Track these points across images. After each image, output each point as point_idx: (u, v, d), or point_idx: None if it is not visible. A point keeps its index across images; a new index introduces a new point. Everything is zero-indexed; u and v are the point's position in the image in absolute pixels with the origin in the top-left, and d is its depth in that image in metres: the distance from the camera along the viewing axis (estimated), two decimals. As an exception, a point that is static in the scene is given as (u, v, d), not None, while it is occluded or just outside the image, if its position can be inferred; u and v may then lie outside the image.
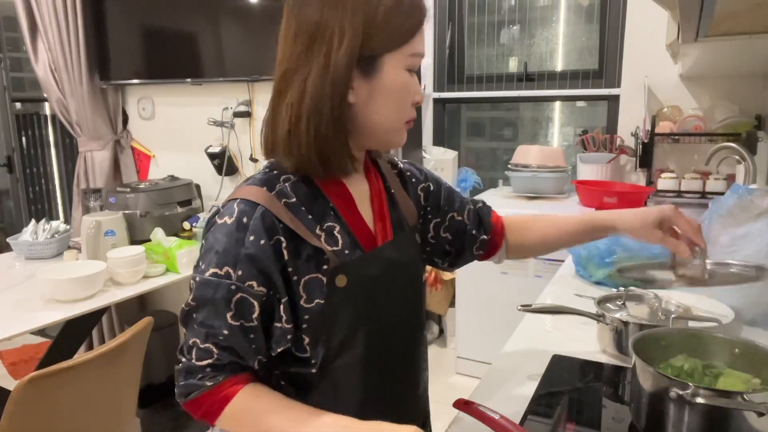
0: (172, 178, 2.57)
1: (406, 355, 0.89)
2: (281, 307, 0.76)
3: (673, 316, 1.06)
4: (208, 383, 0.73)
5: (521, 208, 2.29)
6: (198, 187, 2.64)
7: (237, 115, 2.54)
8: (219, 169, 2.62)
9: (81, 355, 1.40)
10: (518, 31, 2.90)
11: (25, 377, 1.28)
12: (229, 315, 0.73)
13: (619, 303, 1.18)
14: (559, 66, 2.83)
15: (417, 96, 0.81)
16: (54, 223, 2.37)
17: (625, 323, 1.07)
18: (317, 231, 0.78)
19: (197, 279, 0.75)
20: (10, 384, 1.73)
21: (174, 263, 2.12)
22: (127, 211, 2.29)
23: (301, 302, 0.77)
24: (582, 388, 1.03)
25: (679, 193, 2.19)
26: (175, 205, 2.42)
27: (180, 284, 2.89)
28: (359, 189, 0.85)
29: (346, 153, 0.78)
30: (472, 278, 2.51)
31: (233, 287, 0.73)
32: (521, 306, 1.15)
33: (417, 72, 0.82)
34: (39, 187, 3.72)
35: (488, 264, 1.12)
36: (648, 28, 2.34)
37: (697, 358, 0.90)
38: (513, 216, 1.07)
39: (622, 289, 1.23)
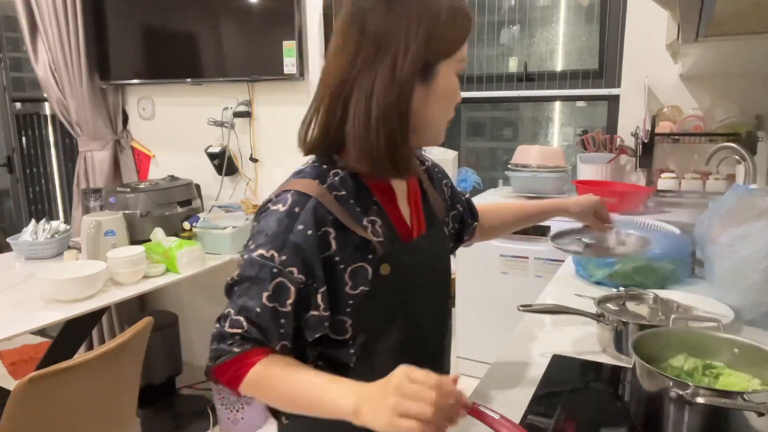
0: (172, 178, 2.57)
1: (435, 339, 0.96)
2: (318, 296, 0.81)
3: (673, 316, 1.06)
4: (236, 349, 0.78)
5: (521, 208, 2.29)
6: (198, 187, 2.63)
7: (237, 115, 2.54)
8: (219, 169, 2.62)
9: (81, 355, 1.40)
10: (518, 31, 2.90)
11: (25, 377, 1.28)
12: (265, 295, 0.78)
13: (619, 303, 1.18)
14: (559, 66, 2.83)
15: (458, 97, 0.89)
16: (54, 223, 2.37)
17: (625, 323, 1.07)
18: (364, 222, 0.84)
19: (245, 257, 0.81)
20: (10, 384, 1.73)
21: (174, 263, 2.12)
22: (127, 211, 2.29)
23: (347, 289, 0.83)
24: (582, 388, 1.03)
25: (679, 193, 2.19)
26: (175, 205, 2.42)
27: (180, 284, 2.90)
28: (399, 186, 0.93)
29: (412, 154, 0.86)
30: (472, 278, 2.51)
31: (275, 270, 0.78)
32: (521, 306, 1.16)
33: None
34: (39, 187, 3.72)
35: (488, 264, 1.17)
36: (648, 28, 2.33)
37: (697, 358, 0.90)
38: (485, 204, 1.22)
39: (622, 289, 1.23)
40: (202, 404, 2.70)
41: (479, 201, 1.20)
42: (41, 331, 3.29)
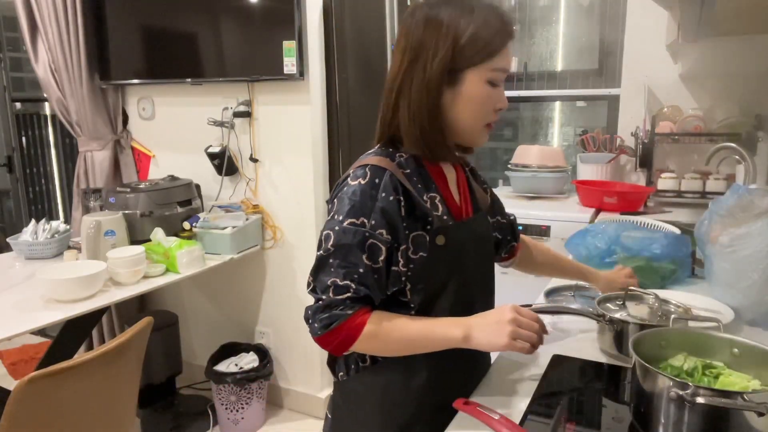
0: (172, 178, 2.57)
1: (483, 308, 1.03)
2: (399, 253, 0.94)
3: (673, 316, 1.06)
4: (349, 312, 0.90)
5: (521, 208, 2.28)
6: (198, 187, 2.64)
7: (237, 115, 2.53)
8: (219, 169, 2.62)
9: (81, 355, 1.40)
10: (518, 31, 2.90)
11: (25, 377, 1.28)
12: (364, 257, 0.91)
13: (619, 303, 1.18)
14: (559, 66, 2.83)
15: (499, 104, 0.99)
16: (54, 223, 2.37)
17: (625, 323, 1.07)
18: (425, 197, 0.98)
19: (336, 228, 0.92)
20: (10, 384, 1.73)
21: (174, 263, 2.12)
22: (127, 211, 2.29)
23: (409, 253, 0.96)
24: (582, 388, 1.03)
25: (679, 193, 2.19)
26: (175, 205, 2.42)
27: (180, 284, 2.90)
28: (450, 172, 1.07)
29: (446, 144, 1.00)
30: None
31: (367, 234, 0.91)
32: (521, 306, 1.15)
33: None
34: (39, 187, 3.72)
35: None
36: (648, 28, 2.33)
37: (697, 358, 0.90)
38: (530, 239, 1.35)
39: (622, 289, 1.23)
40: (202, 404, 2.70)
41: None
42: (41, 331, 3.29)
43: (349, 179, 0.96)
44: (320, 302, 0.92)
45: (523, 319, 0.91)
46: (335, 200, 0.96)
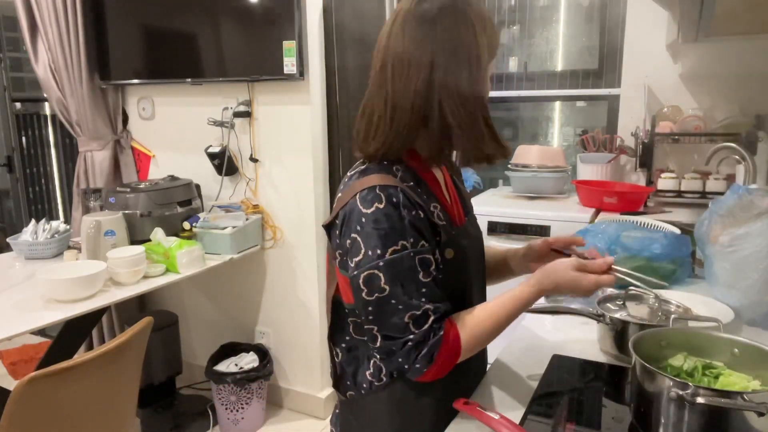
0: (172, 178, 2.57)
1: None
2: (435, 257, 0.91)
3: (673, 316, 1.06)
4: (440, 333, 0.86)
5: (521, 208, 2.28)
6: (198, 187, 2.64)
7: (237, 115, 2.53)
8: (219, 169, 2.61)
9: (81, 355, 1.40)
10: (518, 31, 2.90)
11: (25, 377, 1.28)
12: (421, 275, 0.87)
13: (619, 303, 1.18)
14: (559, 66, 2.83)
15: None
16: (54, 223, 2.37)
17: (625, 323, 1.07)
18: (431, 209, 0.93)
19: (380, 264, 0.85)
20: (10, 384, 1.73)
21: (174, 263, 2.12)
22: (127, 211, 2.29)
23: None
24: (582, 388, 1.03)
25: (679, 193, 2.19)
26: (175, 205, 2.42)
27: (180, 284, 2.90)
28: (440, 177, 1.02)
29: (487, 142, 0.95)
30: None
31: (412, 254, 0.86)
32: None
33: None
34: (39, 187, 3.72)
35: None
36: (648, 28, 2.33)
37: (697, 358, 0.90)
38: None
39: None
40: (202, 404, 2.70)
41: (480, 201, 1.21)
42: (41, 331, 3.29)
43: (360, 207, 0.87)
44: (408, 343, 0.85)
45: (591, 277, 0.92)
46: (355, 236, 0.87)
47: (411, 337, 0.85)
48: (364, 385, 0.98)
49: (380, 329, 0.87)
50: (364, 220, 0.86)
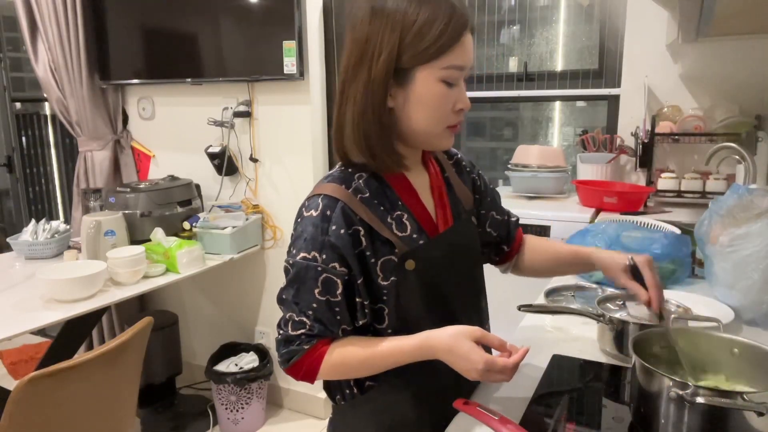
0: (172, 178, 2.57)
1: (467, 320, 0.94)
2: (358, 285, 0.89)
3: (673, 316, 1.06)
4: (305, 347, 0.89)
5: (521, 208, 2.28)
6: (198, 187, 2.64)
7: (237, 115, 2.54)
8: (219, 169, 2.62)
9: (81, 355, 1.40)
10: (518, 31, 2.90)
11: (25, 377, 1.28)
12: (317, 291, 0.87)
13: (619, 303, 1.18)
14: (559, 66, 2.83)
15: (459, 104, 0.90)
16: (54, 223, 2.37)
17: (625, 323, 1.07)
18: (389, 220, 0.91)
19: (291, 262, 0.89)
20: (10, 384, 1.73)
21: (174, 263, 2.12)
22: (127, 211, 2.29)
23: (379, 280, 0.91)
24: (582, 388, 1.02)
25: (679, 193, 2.18)
26: (175, 205, 2.42)
27: (180, 284, 2.90)
28: (419, 180, 0.99)
29: (393, 152, 0.91)
30: (472, 278, 2.50)
31: (319, 269, 0.87)
32: (521, 306, 1.15)
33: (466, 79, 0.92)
34: (39, 187, 3.72)
35: (488, 264, 1.17)
36: (648, 28, 2.33)
37: (697, 358, 0.90)
38: (532, 238, 1.22)
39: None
40: (202, 404, 2.70)
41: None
42: (41, 331, 3.29)
43: (304, 210, 0.91)
44: (280, 335, 0.91)
45: (494, 376, 0.84)
46: (293, 232, 0.92)
47: (281, 332, 0.91)
48: (347, 392, 0.99)
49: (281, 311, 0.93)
50: (299, 220, 0.91)
